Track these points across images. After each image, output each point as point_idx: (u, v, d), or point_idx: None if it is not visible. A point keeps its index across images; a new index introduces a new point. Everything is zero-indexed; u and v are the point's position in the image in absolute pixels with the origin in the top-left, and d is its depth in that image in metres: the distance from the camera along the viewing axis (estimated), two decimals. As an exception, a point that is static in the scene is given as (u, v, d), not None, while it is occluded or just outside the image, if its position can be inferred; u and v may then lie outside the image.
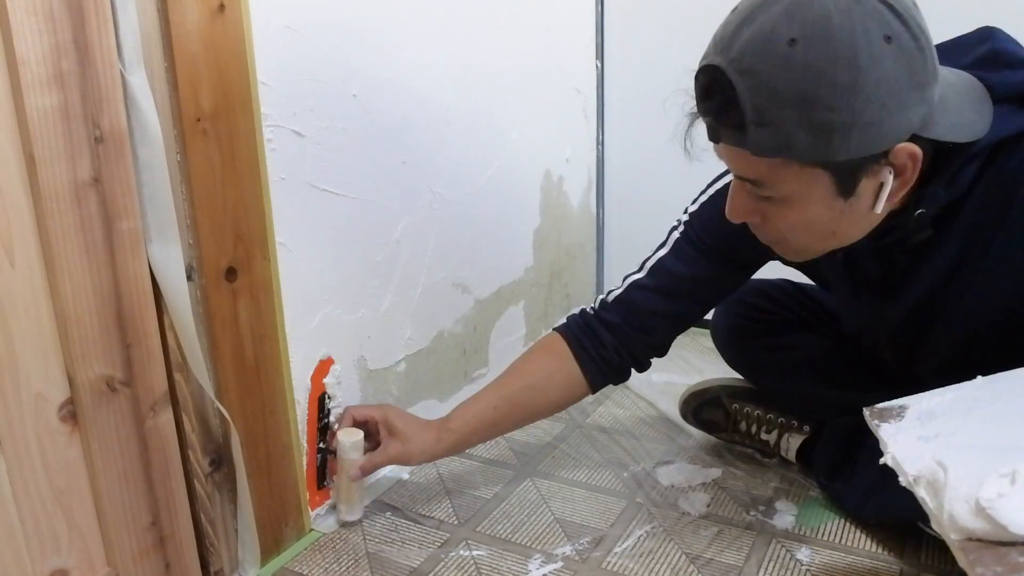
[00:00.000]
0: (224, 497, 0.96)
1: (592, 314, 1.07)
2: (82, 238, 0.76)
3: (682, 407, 1.31)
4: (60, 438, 0.77)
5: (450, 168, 1.30)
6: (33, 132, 0.70)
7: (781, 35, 0.68)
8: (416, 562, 1.01)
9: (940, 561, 0.99)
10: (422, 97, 1.21)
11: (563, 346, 1.07)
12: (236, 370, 0.94)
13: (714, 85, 0.73)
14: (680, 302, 1.04)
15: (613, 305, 1.05)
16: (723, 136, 0.76)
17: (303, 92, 0.99)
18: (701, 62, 0.75)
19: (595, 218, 1.87)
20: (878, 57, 0.67)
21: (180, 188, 0.85)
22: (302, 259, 1.03)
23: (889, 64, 0.68)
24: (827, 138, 0.70)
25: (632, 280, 1.06)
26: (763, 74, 0.69)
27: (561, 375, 1.07)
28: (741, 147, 0.74)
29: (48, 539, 0.78)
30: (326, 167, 1.04)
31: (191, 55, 0.83)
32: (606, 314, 1.06)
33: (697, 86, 0.76)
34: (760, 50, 0.69)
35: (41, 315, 0.74)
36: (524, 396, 1.08)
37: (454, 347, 1.40)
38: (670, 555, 1.02)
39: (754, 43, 0.69)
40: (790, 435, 1.19)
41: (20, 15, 0.68)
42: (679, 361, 1.60)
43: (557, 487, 1.19)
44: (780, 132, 0.71)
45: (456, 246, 1.36)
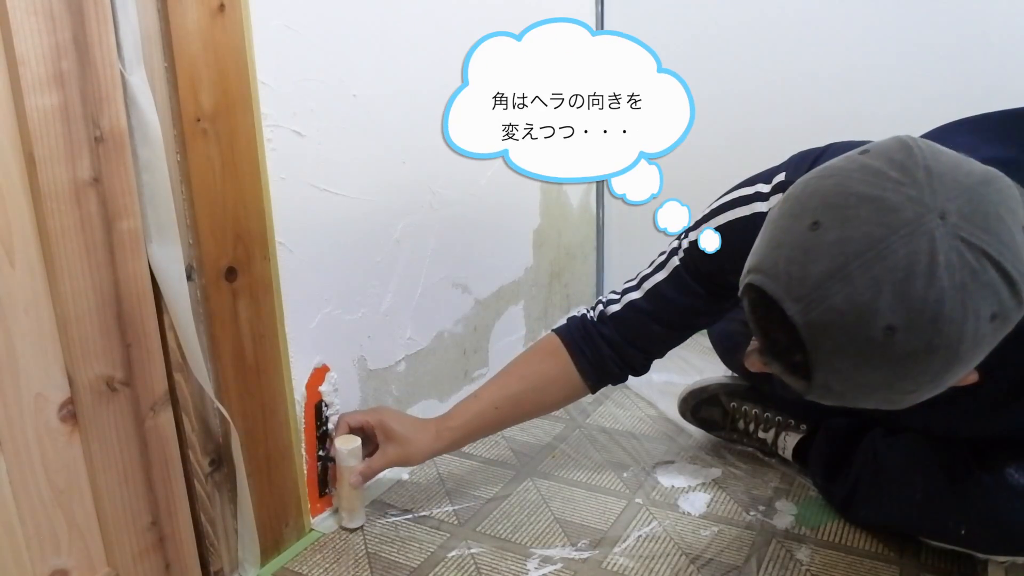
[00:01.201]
0: (224, 497, 0.96)
1: (591, 324, 1.07)
2: (82, 238, 0.76)
3: (681, 405, 1.32)
4: (60, 438, 0.77)
5: (450, 168, 1.30)
6: (33, 132, 0.70)
7: (881, 317, 0.57)
8: (416, 562, 1.01)
9: (940, 562, 0.99)
10: (422, 97, 1.21)
11: (562, 350, 1.07)
12: (236, 370, 0.94)
13: (778, 330, 0.62)
14: (676, 328, 1.04)
15: (611, 321, 1.05)
16: (778, 370, 0.67)
17: (303, 92, 0.99)
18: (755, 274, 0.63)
19: (595, 218, 1.87)
20: (980, 339, 0.59)
21: (180, 188, 0.85)
22: (302, 259, 1.03)
23: (987, 341, 0.60)
24: (896, 402, 0.64)
25: (630, 300, 1.04)
26: (848, 360, 0.60)
27: (562, 379, 1.08)
28: (797, 388, 0.66)
29: (48, 539, 0.78)
30: (326, 167, 1.04)
31: (191, 55, 0.83)
32: (604, 328, 1.05)
33: (754, 309, 0.65)
34: (850, 331, 0.58)
35: (41, 315, 0.74)
36: (525, 397, 1.09)
37: (454, 347, 1.40)
38: (670, 555, 1.02)
39: (844, 316, 0.58)
40: (787, 434, 1.19)
41: (20, 15, 0.68)
42: (679, 361, 1.60)
43: (557, 487, 1.19)
44: (849, 398, 0.64)
45: (456, 246, 1.36)
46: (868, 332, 0.58)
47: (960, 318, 0.57)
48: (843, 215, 0.59)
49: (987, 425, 0.88)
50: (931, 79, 1.46)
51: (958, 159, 0.62)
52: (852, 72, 1.52)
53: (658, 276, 1.02)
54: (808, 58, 1.56)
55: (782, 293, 0.61)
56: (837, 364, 0.61)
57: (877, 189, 0.59)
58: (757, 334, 0.67)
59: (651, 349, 1.06)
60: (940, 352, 0.58)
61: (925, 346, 0.58)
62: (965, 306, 0.57)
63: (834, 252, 0.59)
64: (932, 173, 0.59)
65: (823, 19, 1.54)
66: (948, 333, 0.57)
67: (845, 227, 0.59)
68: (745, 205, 0.91)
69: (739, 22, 1.61)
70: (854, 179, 0.61)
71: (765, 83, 1.61)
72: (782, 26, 1.58)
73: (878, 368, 0.60)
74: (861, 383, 0.62)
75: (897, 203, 0.58)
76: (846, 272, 0.58)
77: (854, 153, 0.64)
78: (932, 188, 0.59)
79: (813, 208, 0.61)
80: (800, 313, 0.60)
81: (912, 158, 0.60)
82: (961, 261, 0.57)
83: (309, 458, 1.07)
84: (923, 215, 0.58)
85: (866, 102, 1.50)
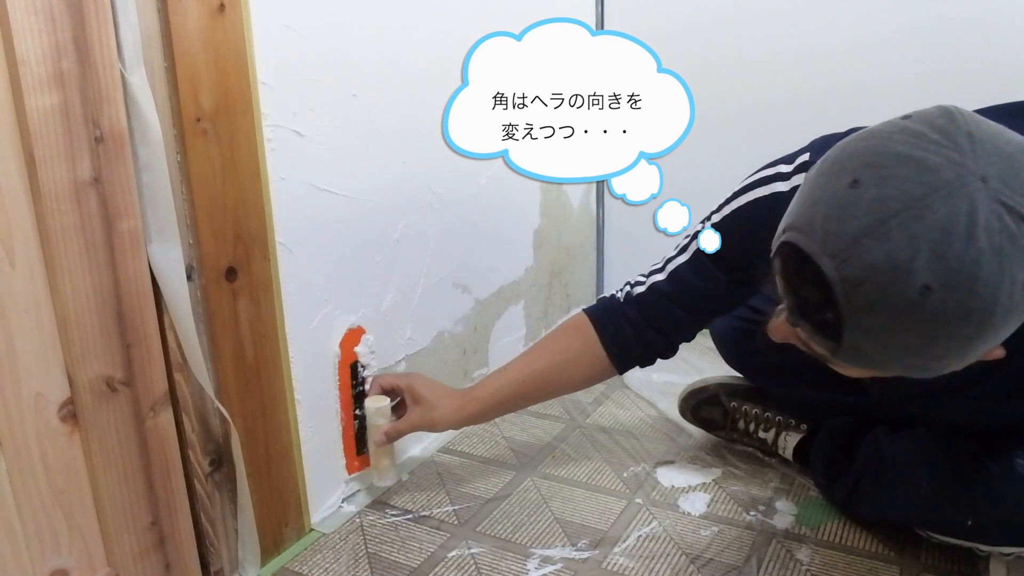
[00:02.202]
0: (224, 497, 0.96)
1: (617, 304, 1.08)
2: (82, 238, 0.76)
3: (681, 405, 1.32)
4: (60, 438, 0.77)
5: (450, 168, 1.30)
6: (33, 132, 0.70)
7: (917, 276, 0.56)
8: (416, 562, 1.01)
9: (940, 561, 0.99)
10: (422, 97, 1.21)
11: (589, 327, 1.08)
12: (236, 370, 0.94)
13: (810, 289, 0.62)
14: (695, 311, 1.05)
15: (635, 303, 1.06)
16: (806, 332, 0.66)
17: (303, 92, 0.99)
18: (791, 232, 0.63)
19: (595, 218, 1.87)
20: (1014, 306, 0.58)
21: (180, 188, 0.85)
22: (302, 259, 1.03)
23: (1020, 310, 0.59)
24: (923, 368, 0.63)
25: (653, 282, 1.05)
26: (880, 319, 0.59)
27: (587, 356, 1.08)
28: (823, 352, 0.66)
29: (48, 539, 0.78)
30: (326, 167, 1.04)
31: (191, 55, 0.83)
32: (628, 309, 1.06)
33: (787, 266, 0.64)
34: (885, 289, 0.58)
35: (41, 315, 0.74)
36: (552, 372, 1.10)
37: (454, 347, 1.40)
38: (670, 555, 1.02)
39: (880, 275, 0.57)
40: (787, 433, 1.19)
41: (20, 15, 0.68)
42: (679, 361, 1.59)
43: (557, 487, 1.19)
44: (878, 361, 0.63)
45: (456, 246, 1.36)
46: (903, 290, 0.57)
47: (996, 281, 0.56)
48: (883, 174, 0.59)
49: (1001, 412, 0.88)
50: (935, 80, 1.46)
51: (1000, 128, 0.61)
52: (854, 71, 1.52)
53: (681, 259, 1.02)
54: (809, 57, 1.56)
55: (817, 249, 0.60)
56: (869, 323, 0.60)
57: (918, 150, 0.59)
58: (787, 295, 0.66)
59: (672, 332, 1.06)
60: (974, 315, 0.57)
61: (959, 307, 0.57)
62: (1002, 269, 0.56)
63: (872, 209, 0.58)
64: (974, 138, 0.59)
65: (824, 18, 1.54)
66: (983, 296, 0.56)
67: (885, 185, 0.58)
68: (765, 185, 0.91)
69: (739, 22, 1.61)
70: (895, 140, 0.60)
71: (766, 82, 1.61)
72: (783, 26, 1.58)
73: (910, 329, 0.59)
74: (891, 345, 0.61)
75: (938, 164, 0.58)
76: (884, 229, 0.57)
77: (895, 118, 0.63)
78: (974, 152, 0.58)
79: (853, 167, 0.61)
80: (835, 269, 0.59)
81: (955, 123, 0.60)
82: (1000, 224, 0.56)
83: (345, 415, 1.11)
84: (964, 177, 0.57)
85: (868, 101, 1.50)
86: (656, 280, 1.05)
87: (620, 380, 1.56)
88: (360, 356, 1.12)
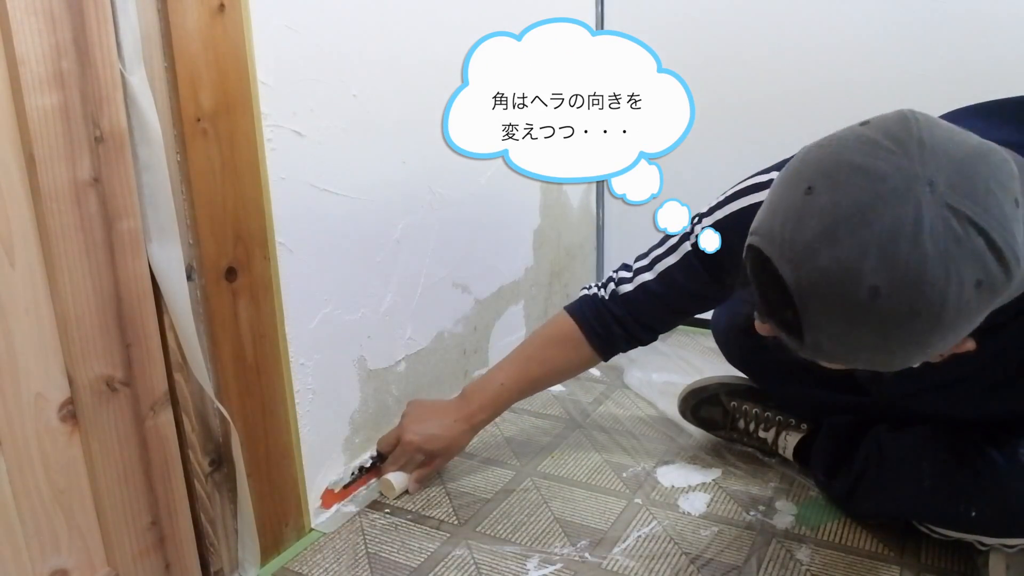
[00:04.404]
0: (224, 497, 0.96)
1: (603, 304, 1.11)
2: (82, 238, 0.76)
3: (681, 405, 1.32)
4: (60, 438, 0.77)
5: (450, 168, 1.30)
6: (33, 132, 0.70)
7: (865, 279, 0.59)
8: (416, 562, 1.01)
9: (940, 561, 0.99)
10: (422, 97, 1.21)
11: (579, 335, 1.12)
12: (236, 370, 0.94)
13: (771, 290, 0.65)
14: (682, 311, 1.09)
15: (622, 301, 1.09)
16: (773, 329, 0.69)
17: (303, 92, 0.99)
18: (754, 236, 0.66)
19: (595, 218, 1.87)
20: (964, 304, 0.60)
21: (180, 188, 0.85)
22: (302, 259, 1.03)
23: (972, 307, 0.60)
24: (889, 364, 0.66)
25: (643, 282, 1.07)
26: (834, 318, 0.62)
27: (579, 362, 1.15)
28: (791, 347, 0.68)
29: (48, 539, 0.78)
30: (326, 167, 1.04)
31: (191, 55, 0.83)
32: (616, 308, 1.09)
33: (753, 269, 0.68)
34: (836, 291, 0.60)
35: (41, 315, 0.74)
36: (544, 379, 1.19)
37: (454, 347, 1.40)
38: (670, 555, 1.02)
39: (831, 277, 0.60)
40: (787, 433, 1.19)
41: (20, 15, 0.68)
42: (679, 361, 1.60)
43: (557, 487, 1.19)
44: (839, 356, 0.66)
45: (456, 246, 1.36)
46: (853, 292, 0.60)
47: (943, 283, 0.58)
48: (835, 181, 0.62)
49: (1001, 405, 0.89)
50: (933, 79, 1.46)
51: (954, 132, 0.63)
52: (854, 71, 1.53)
53: (670, 259, 1.04)
54: (810, 57, 1.56)
55: (776, 253, 0.64)
56: (825, 323, 0.63)
57: (869, 158, 0.61)
58: (756, 294, 0.69)
59: (658, 327, 1.12)
60: (923, 315, 0.59)
61: (908, 309, 0.59)
62: (948, 271, 0.58)
63: (824, 216, 0.61)
64: (924, 145, 0.61)
65: (825, 18, 1.54)
66: (930, 297, 0.59)
67: (836, 193, 0.61)
68: (755, 193, 0.92)
69: (739, 22, 1.61)
70: (849, 148, 0.63)
71: (765, 82, 1.61)
72: (783, 26, 1.58)
73: (864, 327, 0.61)
74: (848, 342, 0.64)
75: (887, 172, 0.60)
76: (834, 235, 0.60)
77: (855, 124, 0.66)
78: (923, 159, 0.60)
79: (808, 175, 0.64)
80: (791, 273, 0.62)
81: (907, 130, 0.62)
82: (946, 227, 0.58)
83: None
84: (911, 183, 0.59)
85: (868, 101, 1.49)
86: (645, 279, 1.06)
87: (620, 380, 1.56)
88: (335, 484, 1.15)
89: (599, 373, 1.59)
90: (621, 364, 1.60)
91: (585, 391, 1.53)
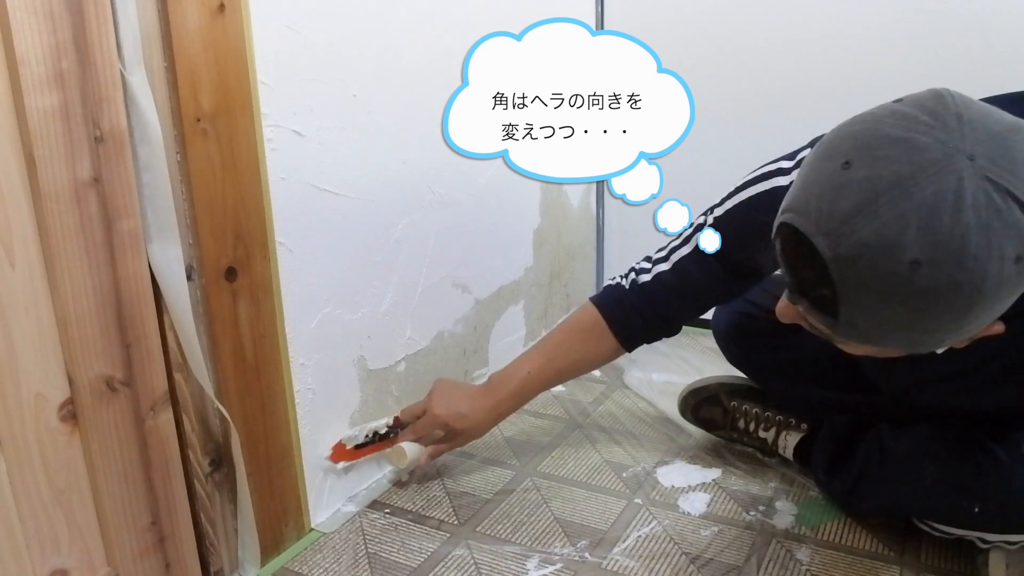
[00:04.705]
0: (224, 497, 0.96)
1: (624, 295, 1.11)
2: (82, 238, 0.76)
3: (681, 405, 1.32)
4: (60, 438, 0.77)
5: (450, 168, 1.30)
6: (33, 132, 0.70)
7: (906, 253, 0.58)
8: (416, 562, 1.01)
9: (940, 560, 0.99)
10: (422, 97, 1.21)
11: (603, 327, 1.12)
12: (236, 370, 0.94)
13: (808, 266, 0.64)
14: (696, 303, 1.09)
15: (641, 292, 1.09)
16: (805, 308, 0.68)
17: (303, 92, 0.99)
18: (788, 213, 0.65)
19: (595, 218, 1.87)
20: (1004, 280, 0.59)
21: (180, 188, 0.85)
22: (302, 259, 1.03)
23: (1012, 284, 0.60)
24: (921, 344, 0.65)
25: (659, 272, 1.07)
26: (872, 294, 0.61)
27: (604, 351, 1.15)
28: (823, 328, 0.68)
29: (48, 539, 0.78)
30: (326, 167, 1.04)
31: (191, 55, 0.83)
32: (635, 299, 1.10)
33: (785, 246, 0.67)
34: (876, 265, 0.60)
35: (41, 315, 0.74)
36: (570, 369, 1.18)
37: (454, 347, 1.40)
38: (670, 555, 1.02)
39: (871, 251, 0.59)
40: (788, 433, 1.19)
41: (20, 15, 0.68)
42: (679, 361, 1.60)
43: (557, 487, 1.19)
44: (874, 336, 0.65)
45: (456, 246, 1.36)
46: (893, 266, 0.59)
47: (984, 255, 0.58)
48: (873, 155, 0.61)
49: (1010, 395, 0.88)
50: (933, 79, 1.46)
51: (990, 109, 0.63)
52: (854, 71, 1.52)
53: (684, 250, 1.05)
54: (809, 56, 1.56)
55: (812, 228, 0.62)
56: (863, 299, 0.62)
57: (908, 132, 0.61)
58: (787, 273, 0.68)
59: (675, 318, 1.11)
60: (964, 289, 0.59)
61: (948, 281, 0.58)
62: (990, 244, 0.58)
63: (863, 188, 0.60)
64: (963, 119, 0.60)
65: (824, 17, 1.54)
66: (972, 269, 0.58)
67: (875, 166, 0.60)
68: (766, 180, 0.93)
69: (739, 22, 1.61)
70: (886, 123, 0.62)
71: (765, 82, 1.61)
72: (782, 25, 1.58)
73: (902, 303, 0.61)
74: (885, 319, 0.63)
75: (926, 144, 0.60)
76: (874, 207, 0.59)
77: (888, 102, 0.65)
78: (962, 132, 0.60)
79: (845, 150, 0.63)
80: (829, 247, 0.61)
81: (944, 105, 0.62)
82: (988, 200, 0.58)
83: None
84: (952, 156, 0.59)
85: (868, 101, 1.50)
86: (661, 270, 1.07)
87: (620, 380, 1.56)
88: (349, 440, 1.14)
89: (599, 373, 1.59)
90: (621, 364, 1.60)
91: (585, 391, 1.53)
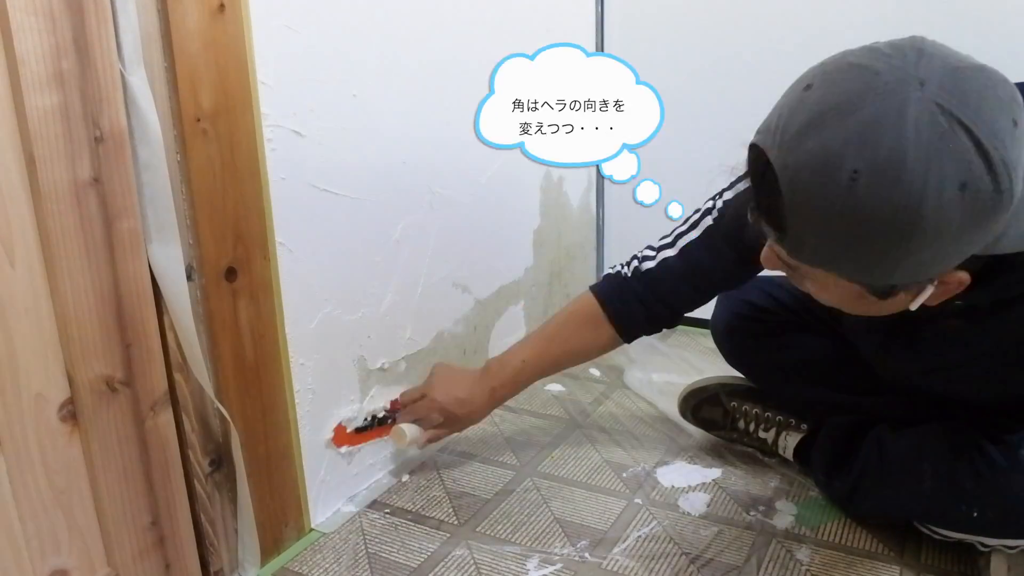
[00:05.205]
0: (224, 497, 0.96)
1: (625, 281, 1.11)
2: (82, 238, 0.76)
3: (681, 405, 1.31)
4: (60, 438, 0.77)
5: (450, 168, 1.30)
6: (33, 132, 0.70)
7: (847, 163, 0.60)
8: (416, 562, 1.01)
9: (940, 561, 0.99)
10: (423, 97, 1.21)
11: (602, 316, 1.12)
12: (236, 370, 0.94)
13: (763, 180, 0.67)
14: (702, 289, 1.09)
15: (644, 278, 1.09)
16: (763, 224, 0.71)
17: (303, 92, 0.99)
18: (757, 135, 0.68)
19: (595, 218, 1.87)
20: (946, 207, 0.59)
21: (180, 188, 0.85)
22: (302, 259, 1.03)
23: (956, 214, 0.60)
24: (870, 270, 0.66)
25: (664, 257, 1.07)
26: (815, 202, 0.63)
27: (602, 342, 1.15)
28: (779, 245, 0.70)
29: (48, 539, 0.78)
30: (326, 167, 1.04)
31: (191, 55, 0.83)
32: (637, 285, 1.09)
33: (749, 165, 0.70)
34: (819, 173, 0.62)
35: (41, 315, 0.74)
36: (567, 359, 1.19)
37: (454, 347, 1.40)
38: (670, 555, 1.02)
39: (815, 160, 0.62)
40: (788, 433, 1.19)
41: (20, 15, 0.68)
42: (679, 361, 1.60)
43: (557, 487, 1.19)
44: (822, 254, 0.67)
45: (456, 246, 1.36)
46: (835, 175, 0.61)
47: (922, 174, 0.59)
48: (831, 79, 0.64)
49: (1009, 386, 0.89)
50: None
51: (959, 53, 0.64)
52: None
53: (692, 235, 1.05)
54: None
55: (769, 143, 0.66)
56: (808, 212, 0.64)
57: (867, 60, 0.64)
58: (752, 193, 0.71)
59: (678, 306, 1.11)
60: (902, 208, 0.60)
61: (887, 199, 0.60)
62: (928, 163, 0.59)
63: (815, 105, 0.63)
64: (923, 53, 0.62)
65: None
66: (908, 188, 0.59)
67: (830, 88, 0.64)
68: None
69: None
70: (852, 54, 0.65)
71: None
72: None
73: (843, 217, 0.62)
74: (830, 237, 0.64)
75: (880, 69, 0.62)
76: (821, 121, 0.62)
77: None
78: (918, 62, 0.62)
79: (810, 76, 0.66)
80: (778, 159, 0.64)
81: (911, 42, 0.64)
82: (932, 120, 0.59)
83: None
84: (903, 80, 0.61)
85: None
86: (667, 256, 1.07)
87: (620, 380, 1.56)
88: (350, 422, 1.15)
89: (599, 373, 1.59)
90: (621, 364, 1.60)
91: (585, 391, 1.53)
